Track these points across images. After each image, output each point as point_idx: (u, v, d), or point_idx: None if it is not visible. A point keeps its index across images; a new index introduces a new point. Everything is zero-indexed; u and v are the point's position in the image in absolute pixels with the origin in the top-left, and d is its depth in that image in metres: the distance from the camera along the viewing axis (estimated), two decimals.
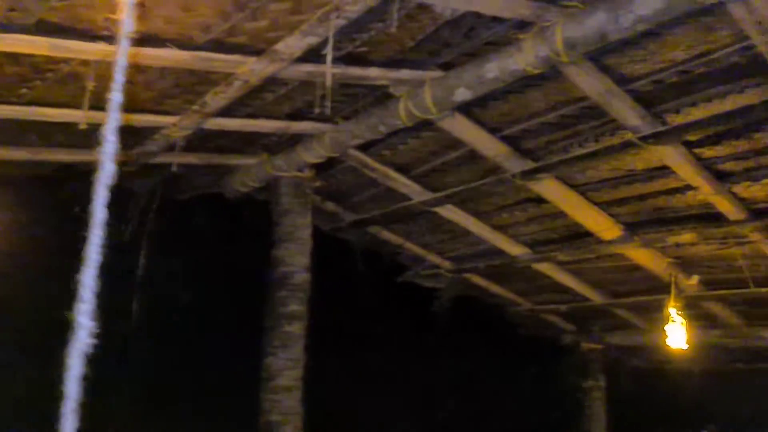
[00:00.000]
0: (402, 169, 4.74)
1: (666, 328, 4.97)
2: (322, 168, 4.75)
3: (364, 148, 4.47)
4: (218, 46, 2.72)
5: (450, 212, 5.22)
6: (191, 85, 3.18)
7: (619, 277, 5.90)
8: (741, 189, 4.03)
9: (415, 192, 4.92)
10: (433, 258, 6.37)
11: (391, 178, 4.77)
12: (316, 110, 3.04)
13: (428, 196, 4.91)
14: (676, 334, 4.91)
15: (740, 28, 2.74)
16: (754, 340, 6.01)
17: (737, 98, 3.22)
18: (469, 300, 7.31)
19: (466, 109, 3.79)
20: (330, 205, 5.56)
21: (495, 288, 6.87)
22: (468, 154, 4.35)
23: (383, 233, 6.05)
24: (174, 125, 3.38)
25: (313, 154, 4.26)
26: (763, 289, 5.09)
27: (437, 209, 5.17)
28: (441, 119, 3.79)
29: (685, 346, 4.96)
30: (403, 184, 4.83)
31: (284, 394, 4.24)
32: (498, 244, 5.65)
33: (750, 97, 3.15)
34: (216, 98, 3.07)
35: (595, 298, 6.35)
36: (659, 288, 5.55)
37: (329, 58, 2.47)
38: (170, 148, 3.73)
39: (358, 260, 6.34)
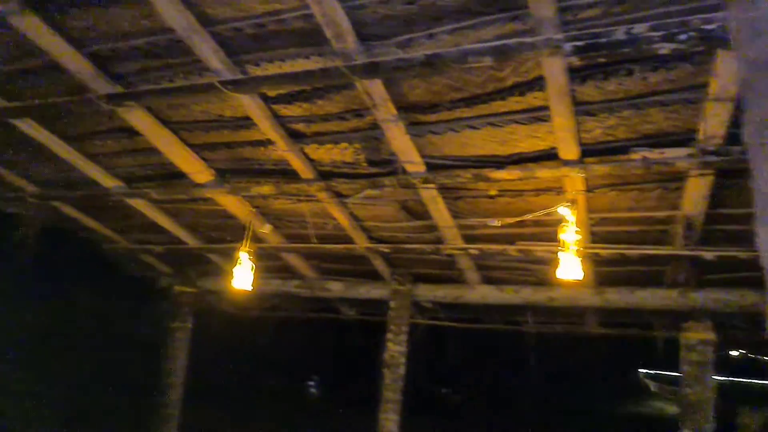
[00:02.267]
0: None
1: (234, 270, 5.31)
2: None
3: None
4: None
5: (32, 129, 4.73)
6: None
7: (213, 223, 6.11)
8: (310, 150, 4.51)
9: None
10: (15, 179, 5.70)
11: None
12: None
13: (1, 104, 4.35)
14: (244, 277, 5.28)
15: None
16: (323, 291, 6.85)
17: (304, 63, 3.57)
18: (60, 232, 6.78)
19: (42, 10, 3.44)
20: None
21: (90, 222, 6.49)
22: (50, 65, 3.96)
23: None
24: None
25: None
26: (327, 246, 5.83)
27: (16, 122, 4.63)
28: (9, 15, 3.37)
29: (250, 288, 5.38)
30: None
31: None
32: (90, 173, 5.33)
33: (312, 63, 3.52)
34: None
35: (191, 241, 6.47)
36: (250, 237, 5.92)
37: None
38: None
39: None
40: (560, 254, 4.25)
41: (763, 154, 1.63)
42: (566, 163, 3.90)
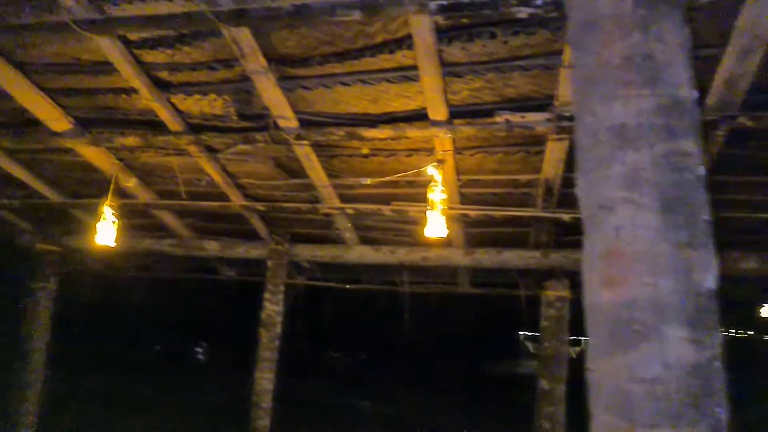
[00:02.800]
0: None
1: (98, 225, 5.04)
2: None
3: None
4: None
5: None
6: None
7: (76, 176, 5.74)
8: (177, 101, 4.30)
9: None
10: None
11: None
12: None
13: None
14: (107, 233, 5.03)
15: None
16: (199, 250, 6.65)
17: (167, 5, 3.37)
18: None
19: None
20: None
21: None
22: None
23: None
24: None
25: None
26: (202, 203, 5.64)
27: None
28: None
29: (114, 245, 5.13)
30: None
31: None
32: None
33: (176, 6, 3.34)
34: None
35: (52, 196, 6.05)
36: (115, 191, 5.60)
37: None
38: None
39: None
40: (428, 213, 4.36)
41: (584, 108, 1.73)
42: (435, 123, 3.97)
